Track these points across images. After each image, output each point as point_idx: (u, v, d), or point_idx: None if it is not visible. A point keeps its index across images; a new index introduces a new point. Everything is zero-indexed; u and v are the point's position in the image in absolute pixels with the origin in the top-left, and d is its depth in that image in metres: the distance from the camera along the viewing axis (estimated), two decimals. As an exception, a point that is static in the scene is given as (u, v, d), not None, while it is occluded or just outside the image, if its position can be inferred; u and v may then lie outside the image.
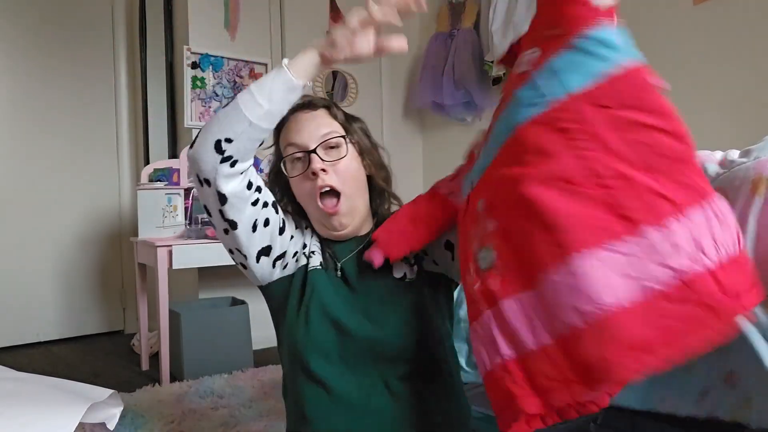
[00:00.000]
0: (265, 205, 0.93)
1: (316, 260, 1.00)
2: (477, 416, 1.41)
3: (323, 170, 0.95)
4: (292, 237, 1.00)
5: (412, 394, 0.91)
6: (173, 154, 2.99)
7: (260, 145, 0.87)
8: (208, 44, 2.84)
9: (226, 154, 0.82)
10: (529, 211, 0.67)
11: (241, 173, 0.86)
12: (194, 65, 2.80)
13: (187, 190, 2.61)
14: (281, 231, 0.96)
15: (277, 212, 0.95)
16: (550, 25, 0.74)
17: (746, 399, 0.75)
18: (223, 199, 0.86)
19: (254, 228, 0.92)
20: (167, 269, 2.26)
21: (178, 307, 2.42)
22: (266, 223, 0.93)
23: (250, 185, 0.89)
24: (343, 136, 1.00)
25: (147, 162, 3.14)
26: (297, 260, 1.01)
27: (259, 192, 0.91)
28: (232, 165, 0.84)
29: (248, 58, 2.96)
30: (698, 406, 0.81)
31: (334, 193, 0.96)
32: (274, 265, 0.98)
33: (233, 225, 0.89)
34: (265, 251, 0.95)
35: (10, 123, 3.05)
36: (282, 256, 0.98)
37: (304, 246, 1.03)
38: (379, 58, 3.41)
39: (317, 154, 0.96)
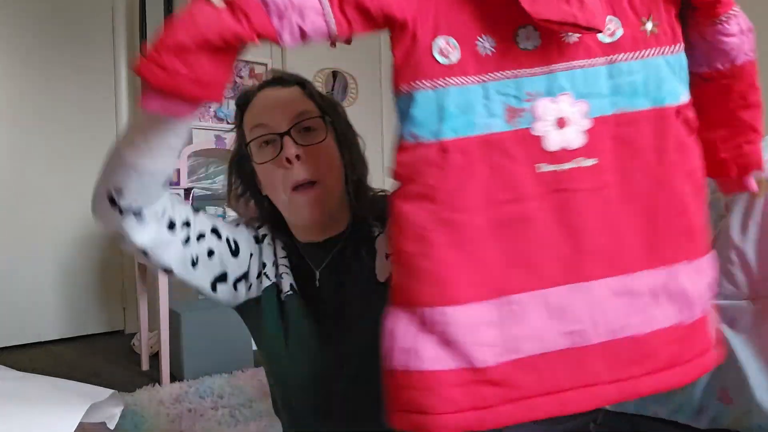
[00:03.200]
0: (201, 237, 0.80)
1: (287, 283, 0.87)
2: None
3: (298, 157, 0.81)
4: (251, 255, 0.88)
5: None
6: (173, 154, 2.99)
7: (165, 184, 0.72)
8: (208, 44, 2.84)
9: (123, 207, 0.68)
10: None
11: (158, 216, 0.72)
12: (194, 65, 2.80)
13: (187, 190, 2.61)
14: (235, 253, 0.85)
15: (220, 237, 0.83)
16: None
17: (745, 412, 0.75)
18: (143, 251, 0.73)
19: (194, 264, 0.79)
20: (167, 269, 2.26)
21: (178, 307, 2.42)
22: (210, 253, 0.81)
23: (172, 225, 0.75)
24: (321, 117, 0.85)
25: (147, 162, 3.14)
26: (261, 281, 0.88)
27: (188, 227, 0.78)
28: (138, 215, 0.69)
29: (248, 58, 2.96)
30: (697, 419, 0.82)
31: (309, 184, 0.83)
32: (236, 288, 0.87)
33: (168, 270, 0.77)
34: (221, 278, 0.84)
35: (10, 123, 3.05)
36: (244, 277, 0.87)
37: (264, 265, 0.88)
38: (380, 58, 3.42)
39: (291, 137, 0.81)
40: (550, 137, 0.59)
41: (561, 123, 0.59)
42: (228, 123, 2.89)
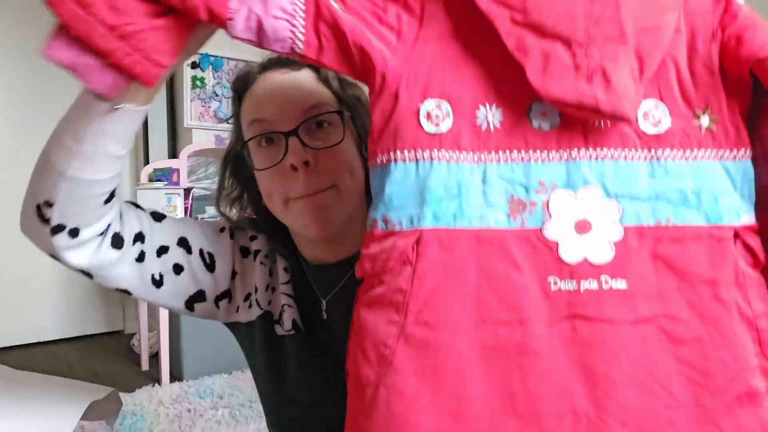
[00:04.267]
0: (163, 251, 0.65)
1: (288, 319, 0.71)
2: None
3: (306, 164, 0.63)
4: (235, 273, 0.73)
5: None
6: (173, 154, 2.99)
7: (108, 201, 0.57)
8: (207, 44, 2.83)
9: (53, 223, 0.55)
10: None
11: (100, 235, 0.58)
12: (194, 65, 2.80)
13: (187, 190, 2.61)
14: (210, 267, 0.70)
15: (191, 250, 0.68)
16: None
17: None
18: (86, 273, 0.60)
19: (158, 282, 0.65)
20: (167, 269, 2.26)
21: (178, 307, 2.43)
22: (177, 269, 0.67)
23: (118, 242, 0.60)
24: (338, 112, 0.67)
25: (147, 162, 3.14)
26: (250, 306, 0.73)
27: (142, 241, 0.63)
28: (73, 235, 0.56)
29: (248, 58, 2.96)
30: None
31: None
32: (218, 306, 0.73)
33: (126, 292, 0.64)
34: (197, 298, 0.70)
35: (10, 122, 3.05)
36: (226, 295, 0.72)
37: (256, 289, 0.73)
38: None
39: (299, 138, 0.63)
40: (568, 244, 0.45)
41: (582, 227, 0.45)
42: (228, 123, 2.89)
